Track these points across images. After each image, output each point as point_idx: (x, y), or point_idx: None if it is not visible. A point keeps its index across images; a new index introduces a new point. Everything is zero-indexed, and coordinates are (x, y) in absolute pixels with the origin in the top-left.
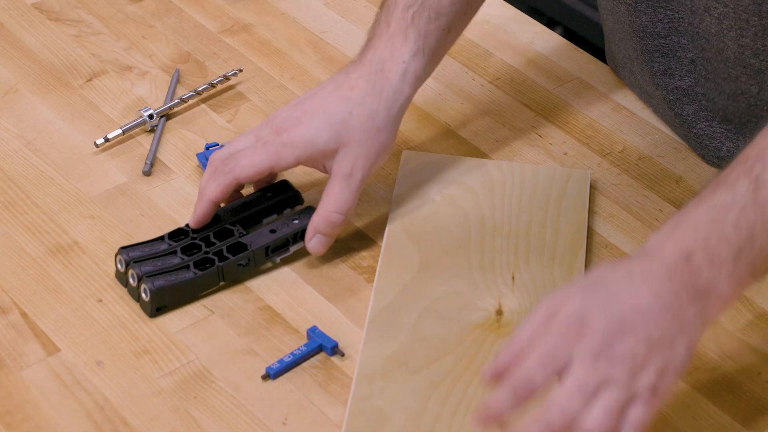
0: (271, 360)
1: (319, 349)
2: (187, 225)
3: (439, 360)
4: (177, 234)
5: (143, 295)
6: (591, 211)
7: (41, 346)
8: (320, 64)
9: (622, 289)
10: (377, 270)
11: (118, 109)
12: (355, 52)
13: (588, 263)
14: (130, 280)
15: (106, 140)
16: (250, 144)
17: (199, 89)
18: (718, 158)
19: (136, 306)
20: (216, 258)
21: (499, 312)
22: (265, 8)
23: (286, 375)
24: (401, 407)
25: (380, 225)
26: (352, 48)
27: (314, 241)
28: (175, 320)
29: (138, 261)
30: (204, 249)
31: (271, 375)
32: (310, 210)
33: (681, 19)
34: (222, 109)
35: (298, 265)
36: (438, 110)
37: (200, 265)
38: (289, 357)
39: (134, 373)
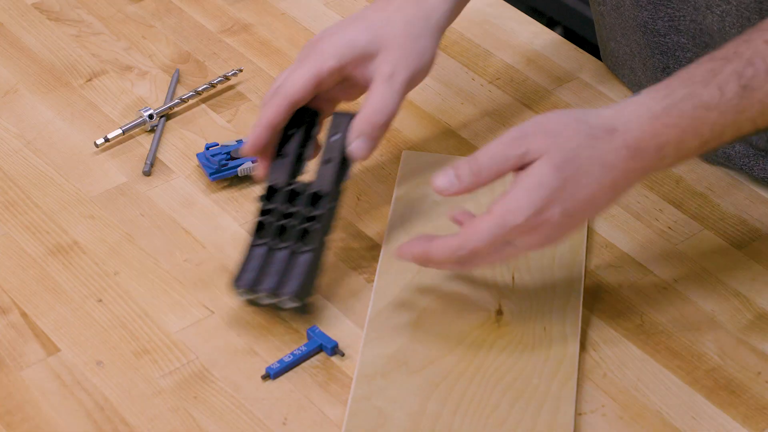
0: (271, 360)
1: (319, 349)
2: (260, 214)
3: (439, 360)
4: (259, 229)
5: (288, 305)
6: None
7: (41, 346)
8: None
9: (589, 178)
10: (377, 270)
11: (118, 109)
12: None
13: (588, 263)
14: (265, 302)
15: (106, 140)
16: (291, 68)
17: (199, 89)
18: (717, 156)
19: (136, 306)
20: (310, 222)
21: (499, 312)
22: (265, 8)
23: (286, 375)
24: (401, 407)
25: (380, 225)
26: None
27: (356, 145)
28: (175, 320)
29: (257, 282)
30: (291, 223)
31: (271, 375)
32: (341, 116)
33: (682, 17)
34: (222, 109)
35: None
36: (438, 110)
37: (303, 239)
38: (289, 357)
39: (134, 373)
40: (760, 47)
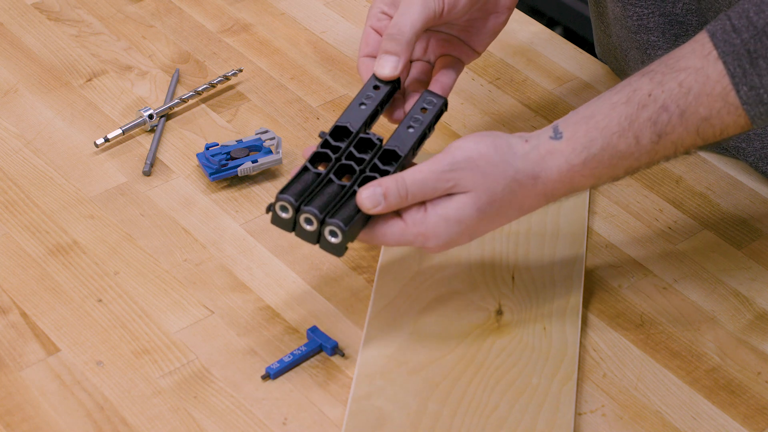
0: (271, 360)
1: (319, 349)
2: (321, 146)
3: (439, 360)
4: (318, 159)
5: (329, 237)
6: (591, 211)
7: (41, 346)
8: (320, 64)
9: (503, 218)
10: (377, 270)
11: (118, 109)
12: (354, 52)
13: (588, 263)
14: (305, 226)
15: (106, 140)
16: (378, 27)
17: (199, 89)
18: (728, 149)
19: (136, 306)
20: (377, 174)
21: (499, 312)
22: (265, 8)
23: (286, 375)
24: (401, 407)
25: None
26: (352, 48)
27: None
28: (175, 320)
29: (305, 202)
30: (358, 168)
31: (271, 375)
32: (431, 95)
33: (650, 15)
34: (222, 109)
35: (298, 265)
36: None
37: (362, 184)
38: (289, 357)
39: (134, 373)
40: (674, 91)
